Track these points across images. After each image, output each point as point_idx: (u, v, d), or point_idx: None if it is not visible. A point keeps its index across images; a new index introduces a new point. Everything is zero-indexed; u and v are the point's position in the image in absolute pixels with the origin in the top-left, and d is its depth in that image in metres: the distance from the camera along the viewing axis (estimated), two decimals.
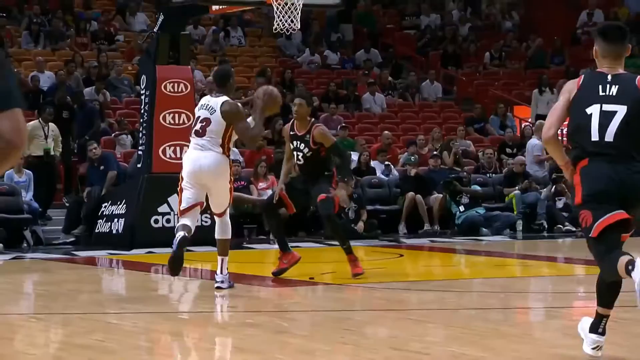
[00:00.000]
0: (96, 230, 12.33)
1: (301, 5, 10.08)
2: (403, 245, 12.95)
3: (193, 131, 7.62)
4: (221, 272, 7.69)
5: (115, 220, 12.04)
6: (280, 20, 10.06)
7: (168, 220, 11.63)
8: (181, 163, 7.78)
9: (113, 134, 15.20)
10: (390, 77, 19.77)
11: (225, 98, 7.59)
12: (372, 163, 15.38)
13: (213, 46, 19.34)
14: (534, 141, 15.85)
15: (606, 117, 4.60)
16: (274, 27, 10.23)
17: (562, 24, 22.70)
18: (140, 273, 9.49)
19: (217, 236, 7.78)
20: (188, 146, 7.75)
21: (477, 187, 14.84)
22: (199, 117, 7.62)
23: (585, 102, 4.64)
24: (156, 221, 11.63)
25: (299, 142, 8.38)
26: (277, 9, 10.08)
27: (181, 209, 7.55)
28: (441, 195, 14.52)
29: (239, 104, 7.75)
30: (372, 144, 16.51)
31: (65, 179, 14.08)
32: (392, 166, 15.57)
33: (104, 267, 10.64)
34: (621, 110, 4.59)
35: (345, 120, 17.45)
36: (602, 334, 4.70)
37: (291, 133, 8.44)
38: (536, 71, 21.00)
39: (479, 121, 18.51)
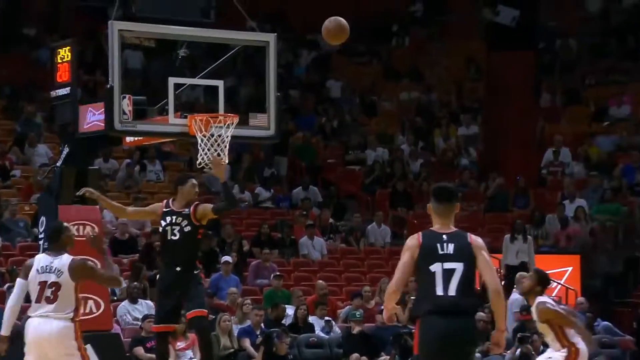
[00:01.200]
0: None
1: (229, 138, 10.15)
2: None
3: (43, 298, 7.87)
4: None
5: None
6: (205, 154, 10.06)
7: None
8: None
9: (5, 286, 14.86)
10: (331, 219, 19.87)
11: (69, 257, 7.98)
12: (310, 318, 15.29)
13: (127, 182, 19.27)
14: (514, 296, 15.82)
15: (448, 274, 6.13)
16: (197, 162, 10.25)
17: (526, 162, 23.21)
18: None
19: None
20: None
21: None
22: (45, 282, 7.88)
23: (429, 261, 6.17)
24: None
25: (176, 217, 9.22)
26: (202, 141, 10.11)
27: None
28: (389, 355, 14.38)
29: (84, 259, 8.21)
30: (310, 295, 16.46)
31: None
32: (334, 322, 15.44)
33: None
34: (459, 268, 6.16)
35: (280, 268, 17.41)
36: None
37: (165, 209, 9.29)
38: (497, 215, 21.29)
39: None
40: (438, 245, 6.18)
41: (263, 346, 13.38)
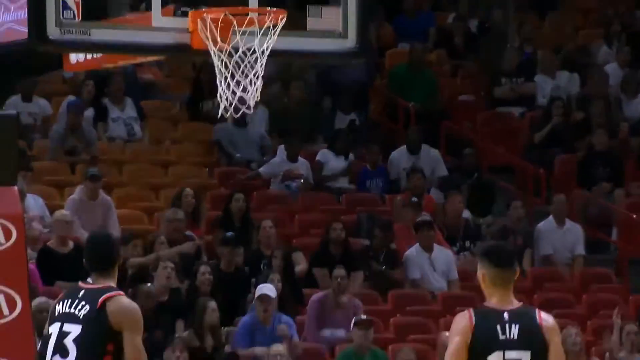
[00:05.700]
0: None
1: (267, 53, 10.71)
2: None
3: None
4: None
5: None
6: (228, 88, 10.54)
7: None
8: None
9: None
10: (467, 211, 20.17)
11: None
12: None
13: (70, 140, 19.89)
14: None
15: None
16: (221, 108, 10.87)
17: None
18: None
19: None
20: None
21: None
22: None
23: (485, 350, 8.21)
24: None
25: None
26: (220, 60, 10.67)
27: None
28: None
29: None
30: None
31: None
32: None
33: None
34: (524, 358, 8.26)
35: (368, 306, 17.93)
36: None
37: None
38: None
39: None
40: (498, 327, 8.28)
41: None
